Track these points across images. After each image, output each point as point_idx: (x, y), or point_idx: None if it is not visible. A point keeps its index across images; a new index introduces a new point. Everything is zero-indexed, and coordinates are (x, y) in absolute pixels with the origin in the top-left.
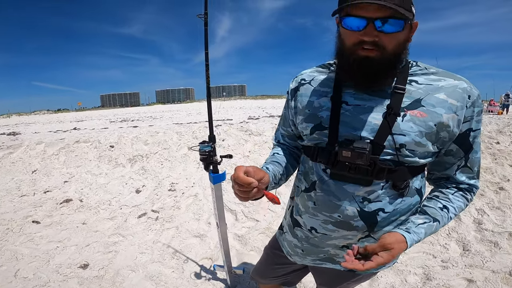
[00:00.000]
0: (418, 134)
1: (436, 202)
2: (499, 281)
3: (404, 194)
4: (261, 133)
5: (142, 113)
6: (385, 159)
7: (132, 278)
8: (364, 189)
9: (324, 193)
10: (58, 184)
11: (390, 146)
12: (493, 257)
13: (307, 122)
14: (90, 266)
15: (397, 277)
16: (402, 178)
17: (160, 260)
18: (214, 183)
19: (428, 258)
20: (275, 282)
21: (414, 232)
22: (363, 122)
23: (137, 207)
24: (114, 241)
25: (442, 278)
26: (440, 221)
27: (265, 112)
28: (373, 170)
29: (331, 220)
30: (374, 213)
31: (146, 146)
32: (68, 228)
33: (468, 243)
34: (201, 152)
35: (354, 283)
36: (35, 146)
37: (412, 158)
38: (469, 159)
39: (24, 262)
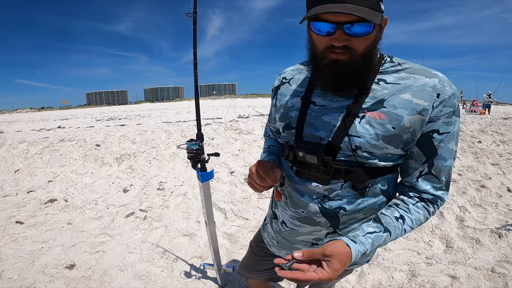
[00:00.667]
0: (374, 136)
1: (394, 210)
2: (481, 277)
3: (364, 194)
4: (251, 131)
5: (130, 112)
6: (342, 160)
7: (120, 278)
8: (324, 187)
9: (291, 189)
10: (42, 183)
11: (346, 147)
12: (475, 254)
13: (280, 121)
14: (77, 266)
15: (384, 273)
16: (360, 179)
17: (149, 259)
18: (202, 181)
19: (413, 255)
20: (261, 277)
21: (361, 242)
22: (324, 123)
23: (124, 207)
24: (101, 241)
25: (426, 274)
26: (392, 233)
27: (255, 111)
28: (329, 170)
29: (296, 215)
30: (335, 211)
31: (133, 145)
32: (53, 229)
33: (451, 240)
34: (189, 150)
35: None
36: (17, 145)
37: (371, 160)
38: (433, 165)
39: (8, 263)
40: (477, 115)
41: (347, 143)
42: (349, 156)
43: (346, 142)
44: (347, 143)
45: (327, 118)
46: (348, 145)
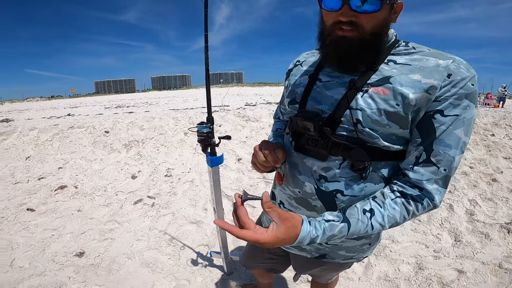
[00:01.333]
0: (375, 111)
1: (366, 202)
2: (488, 272)
3: (363, 176)
4: (258, 119)
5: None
6: (342, 134)
7: (128, 266)
8: (321, 164)
9: (289, 166)
10: (53, 170)
11: (347, 121)
12: (484, 248)
13: (287, 97)
14: (86, 254)
15: (391, 266)
16: (360, 157)
17: (157, 247)
18: (211, 166)
19: (421, 247)
20: (262, 267)
21: (314, 227)
22: (327, 97)
23: (132, 193)
24: (109, 228)
25: (433, 268)
26: (352, 225)
27: (263, 99)
28: (327, 144)
29: (293, 195)
30: (331, 194)
31: (142, 132)
32: (63, 216)
33: (460, 234)
34: (199, 133)
35: (325, 271)
36: (28, 132)
37: (373, 138)
38: (433, 151)
39: (19, 251)
40: (490, 108)
41: (348, 117)
42: (351, 132)
43: (347, 115)
44: (348, 116)
45: (330, 92)
46: (350, 118)
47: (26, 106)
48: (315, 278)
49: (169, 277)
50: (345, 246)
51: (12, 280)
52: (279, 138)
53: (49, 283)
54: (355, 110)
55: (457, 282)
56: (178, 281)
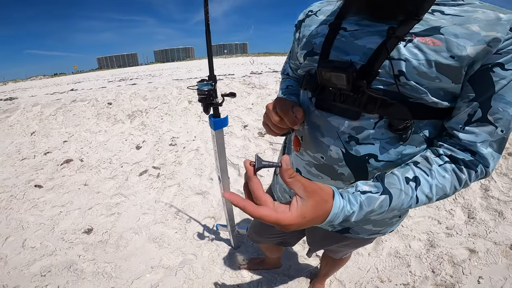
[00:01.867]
0: (424, 62)
1: (408, 170)
2: (499, 253)
3: (403, 138)
4: (265, 86)
5: (141, 72)
6: (380, 88)
7: (135, 241)
8: (351, 124)
9: (309, 127)
10: (58, 144)
11: (386, 73)
12: (497, 227)
13: (302, 49)
14: (94, 230)
15: (402, 242)
16: (401, 115)
17: (163, 220)
18: (215, 129)
19: (433, 223)
20: (271, 241)
21: (349, 201)
22: (357, 47)
23: (138, 164)
24: (116, 202)
25: (445, 246)
26: (394, 197)
27: (268, 68)
28: (361, 99)
29: (314, 162)
30: (363, 159)
31: (145, 102)
32: (70, 191)
33: (473, 211)
34: (199, 91)
35: (344, 247)
36: (31, 108)
37: (419, 93)
38: (490, 108)
39: (30, 230)
40: None
41: (387, 68)
42: (390, 85)
43: (386, 66)
44: (388, 67)
45: (361, 41)
46: (390, 70)
47: (30, 84)
48: (329, 253)
49: (176, 252)
50: (373, 220)
51: (24, 262)
52: (292, 96)
53: (60, 263)
54: (397, 60)
55: (468, 262)
56: (185, 256)
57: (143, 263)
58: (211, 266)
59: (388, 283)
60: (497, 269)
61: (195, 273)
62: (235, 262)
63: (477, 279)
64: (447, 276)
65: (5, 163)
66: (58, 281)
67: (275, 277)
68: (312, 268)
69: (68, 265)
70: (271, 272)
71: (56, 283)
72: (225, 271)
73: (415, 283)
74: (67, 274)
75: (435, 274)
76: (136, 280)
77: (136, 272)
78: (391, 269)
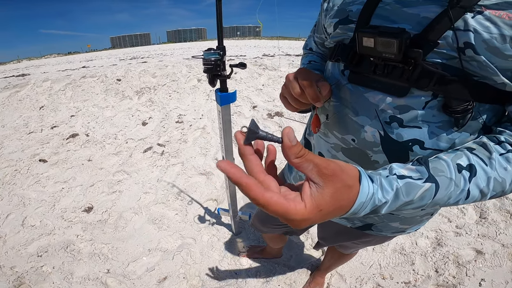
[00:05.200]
0: (497, 37)
1: (461, 155)
2: (505, 256)
3: (460, 123)
4: (276, 68)
5: (153, 51)
6: (438, 61)
7: (135, 222)
8: (396, 101)
9: (339, 103)
10: (65, 119)
11: (448, 45)
12: (507, 229)
13: (332, 18)
14: (94, 209)
15: (408, 238)
16: (461, 95)
17: (164, 201)
18: (221, 104)
19: (443, 221)
20: (276, 231)
21: (381, 185)
22: (408, 15)
23: (143, 141)
24: (118, 179)
25: (452, 245)
26: (440, 186)
27: (281, 51)
28: (412, 72)
29: (342, 145)
30: (405, 145)
31: (154, 79)
32: (73, 166)
33: (486, 210)
34: (205, 60)
35: (361, 244)
36: (41, 83)
37: (489, 71)
38: None
39: (31, 208)
40: None
41: (450, 39)
42: (451, 59)
43: (448, 37)
44: (451, 38)
45: (413, 10)
46: (453, 41)
47: (43, 62)
48: (340, 248)
49: (175, 235)
50: (401, 217)
51: (22, 242)
52: (316, 71)
53: (57, 242)
54: (464, 31)
55: (473, 264)
56: (184, 239)
57: (140, 246)
58: (210, 251)
59: (390, 281)
60: (500, 272)
61: (193, 258)
62: (234, 248)
63: (479, 282)
64: (449, 276)
65: (12, 137)
66: (53, 262)
67: (274, 267)
68: (314, 260)
69: (65, 245)
70: (270, 262)
71: (51, 264)
72: (223, 258)
73: (416, 282)
74: (63, 254)
75: (438, 274)
76: (132, 263)
77: (133, 254)
78: (394, 266)
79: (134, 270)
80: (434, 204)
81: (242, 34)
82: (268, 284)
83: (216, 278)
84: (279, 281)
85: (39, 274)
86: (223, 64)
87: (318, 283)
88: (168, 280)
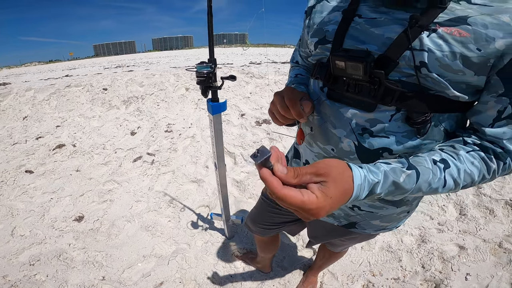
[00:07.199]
0: (448, 54)
1: (434, 153)
2: (488, 251)
3: (421, 132)
4: (264, 76)
5: (138, 59)
6: (399, 79)
7: (128, 230)
8: (366, 115)
9: (320, 117)
10: (50, 129)
11: (406, 64)
12: (487, 225)
13: (313, 37)
14: (85, 218)
15: (394, 236)
16: (419, 108)
17: (156, 208)
18: (213, 114)
19: (426, 219)
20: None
21: (369, 170)
22: (375, 36)
23: (132, 150)
24: (108, 188)
25: (436, 241)
26: (421, 173)
27: (267, 58)
28: (378, 91)
29: (324, 154)
30: (376, 152)
31: (141, 88)
32: (61, 177)
33: (465, 207)
34: (198, 73)
35: (347, 241)
36: (24, 93)
37: (441, 86)
38: None
39: (20, 218)
40: None
41: (407, 58)
42: (409, 77)
43: (406, 57)
44: (408, 58)
45: (379, 30)
46: (410, 60)
47: (24, 70)
48: (329, 246)
49: (169, 241)
50: (380, 215)
51: (13, 251)
52: (301, 85)
53: (49, 251)
54: (419, 51)
55: (457, 259)
56: (178, 245)
57: (134, 252)
58: (204, 256)
59: (380, 277)
60: (484, 267)
61: (188, 263)
62: (228, 252)
63: (465, 276)
64: (436, 272)
65: None
66: (47, 270)
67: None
68: (306, 260)
69: (58, 254)
70: None
71: (45, 272)
72: (218, 261)
73: (405, 277)
74: (56, 263)
75: (425, 269)
76: (128, 269)
77: (128, 261)
78: (383, 263)
79: (129, 277)
80: (418, 189)
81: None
82: (263, 284)
83: (212, 281)
84: (273, 282)
85: (32, 282)
86: (215, 75)
87: (311, 282)
88: (165, 285)
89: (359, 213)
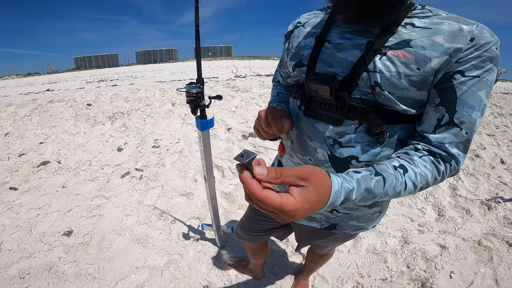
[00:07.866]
0: (395, 74)
1: (393, 160)
2: (468, 249)
3: (380, 141)
4: (249, 89)
5: (122, 73)
6: (359, 98)
7: (119, 243)
8: (335, 129)
9: (298, 131)
10: (33, 146)
11: (364, 84)
12: (465, 224)
13: (291, 60)
14: (74, 232)
15: (378, 239)
16: (377, 121)
17: (147, 221)
18: (202, 130)
19: (406, 221)
20: (256, 239)
21: (344, 178)
22: (340, 59)
23: (119, 166)
24: (97, 204)
25: (418, 242)
26: (387, 179)
27: (252, 71)
28: (343, 108)
29: (303, 163)
30: (346, 160)
31: (127, 103)
32: (47, 193)
33: (443, 209)
34: (188, 93)
35: (331, 242)
36: (5, 108)
37: (391, 102)
38: (455, 113)
39: (6, 233)
40: None
41: (365, 79)
42: (367, 95)
43: (364, 78)
44: (366, 79)
45: (343, 54)
46: (367, 81)
47: (2, 84)
48: (316, 248)
49: (161, 252)
50: (356, 216)
51: (2, 265)
52: (282, 104)
53: (39, 265)
54: (373, 72)
55: (440, 258)
56: (171, 256)
57: (127, 264)
58: (197, 265)
59: (368, 278)
60: (466, 264)
61: (181, 273)
62: (221, 261)
63: (449, 274)
64: (421, 271)
65: None
66: (38, 283)
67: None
68: (296, 265)
69: (48, 267)
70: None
71: (36, 285)
72: (211, 270)
73: (392, 278)
74: (47, 276)
75: (410, 269)
76: (121, 281)
77: (121, 273)
78: (369, 264)
79: None
80: (385, 193)
81: (214, 54)
82: None
83: None
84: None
85: None
86: (203, 94)
87: (303, 285)
88: None
89: (337, 215)
